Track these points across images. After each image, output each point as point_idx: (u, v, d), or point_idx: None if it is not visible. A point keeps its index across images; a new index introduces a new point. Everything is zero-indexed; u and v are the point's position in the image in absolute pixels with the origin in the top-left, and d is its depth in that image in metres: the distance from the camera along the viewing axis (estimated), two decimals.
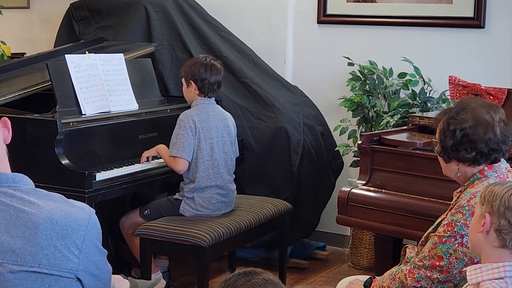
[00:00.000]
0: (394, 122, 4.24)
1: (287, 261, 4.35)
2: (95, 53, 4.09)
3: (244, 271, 1.70)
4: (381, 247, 3.70)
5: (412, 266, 2.54)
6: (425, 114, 4.06)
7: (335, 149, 4.66)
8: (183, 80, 3.96)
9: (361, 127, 4.59)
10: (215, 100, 4.02)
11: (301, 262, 4.65)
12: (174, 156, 3.80)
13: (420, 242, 2.74)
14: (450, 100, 4.06)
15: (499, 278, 2.00)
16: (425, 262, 2.50)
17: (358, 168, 3.78)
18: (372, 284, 2.69)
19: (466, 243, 2.41)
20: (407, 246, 2.89)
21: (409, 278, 2.52)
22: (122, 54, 4.21)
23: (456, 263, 2.44)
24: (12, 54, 5.42)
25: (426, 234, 2.69)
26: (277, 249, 4.31)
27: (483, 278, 2.03)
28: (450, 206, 2.60)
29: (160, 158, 3.98)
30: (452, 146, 2.54)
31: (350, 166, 4.67)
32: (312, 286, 1.56)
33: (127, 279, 2.11)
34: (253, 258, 4.61)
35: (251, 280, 1.65)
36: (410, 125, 3.94)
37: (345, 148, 4.52)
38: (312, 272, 4.57)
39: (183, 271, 4.39)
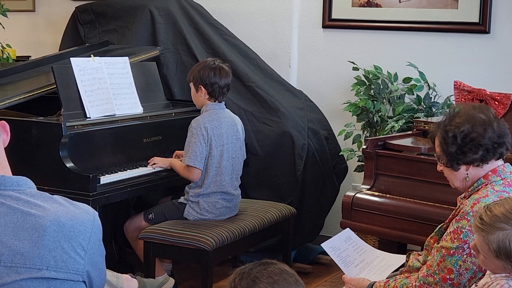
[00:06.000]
0: (399, 127, 4.23)
1: (291, 266, 4.32)
2: (100, 56, 4.09)
3: (259, 261, 1.69)
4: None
5: (421, 282, 2.51)
6: (430, 119, 4.06)
7: (340, 154, 4.65)
8: (191, 84, 3.94)
9: (365, 132, 4.59)
10: None
11: (305, 267, 4.65)
12: (187, 165, 3.80)
13: (424, 247, 2.73)
14: (455, 105, 4.06)
15: None
16: (435, 276, 2.47)
17: (363, 172, 3.78)
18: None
19: (474, 253, 2.40)
20: (412, 252, 2.89)
21: None
22: (127, 58, 4.21)
23: (466, 274, 2.43)
24: (17, 57, 5.44)
25: (429, 238, 2.69)
26: (281, 253, 4.30)
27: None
28: (454, 212, 2.59)
29: None
30: (457, 151, 2.53)
31: (354, 170, 4.66)
32: None
33: (135, 278, 2.12)
34: None
35: (267, 269, 1.66)
36: (414, 130, 3.94)
37: (349, 152, 4.52)
38: (316, 277, 4.57)
39: (186, 275, 4.38)
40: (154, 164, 3.94)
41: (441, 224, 2.65)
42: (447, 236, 2.49)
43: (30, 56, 5.49)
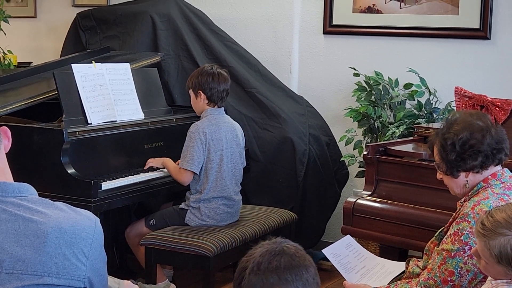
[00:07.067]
0: (400, 132, 4.23)
1: None
2: (102, 62, 4.10)
3: (279, 249, 1.66)
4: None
5: (422, 285, 2.51)
6: (430, 125, 4.06)
7: (341, 160, 4.65)
8: (190, 91, 3.96)
9: (366, 138, 4.59)
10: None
11: None
12: (182, 168, 3.80)
13: (424, 252, 2.73)
14: (452, 113, 4.05)
15: None
16: (436, 279, 2.48)
17: (364, 178, 3.78)
18: None
19: (475, 258, 2.40)
20: (411, 258, 2.89)
21: None
22: (128, 64, 4.22)
23: (467, 276, 2.43)
24: (18, 63, 5.45)
25: (429, 243, 2.69)
26: None
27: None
28: (454, 215, 2.59)
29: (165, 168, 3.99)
30: (457, 158, 2.54)
31: (355, 176, 4.67)
32: None
33: (136, 284, 2.12)
34: None
35: (281, 266, 1.62)
36: (415, 136, 3.94)
37: (350, 158, 4.52)
38: None
39: (188, 281, 4.38)
40: (148, 163, 3.96)
41: (442, 228, 2.66)
42: (447, 238, 2.50)
43: (31, 62, 5.50)
